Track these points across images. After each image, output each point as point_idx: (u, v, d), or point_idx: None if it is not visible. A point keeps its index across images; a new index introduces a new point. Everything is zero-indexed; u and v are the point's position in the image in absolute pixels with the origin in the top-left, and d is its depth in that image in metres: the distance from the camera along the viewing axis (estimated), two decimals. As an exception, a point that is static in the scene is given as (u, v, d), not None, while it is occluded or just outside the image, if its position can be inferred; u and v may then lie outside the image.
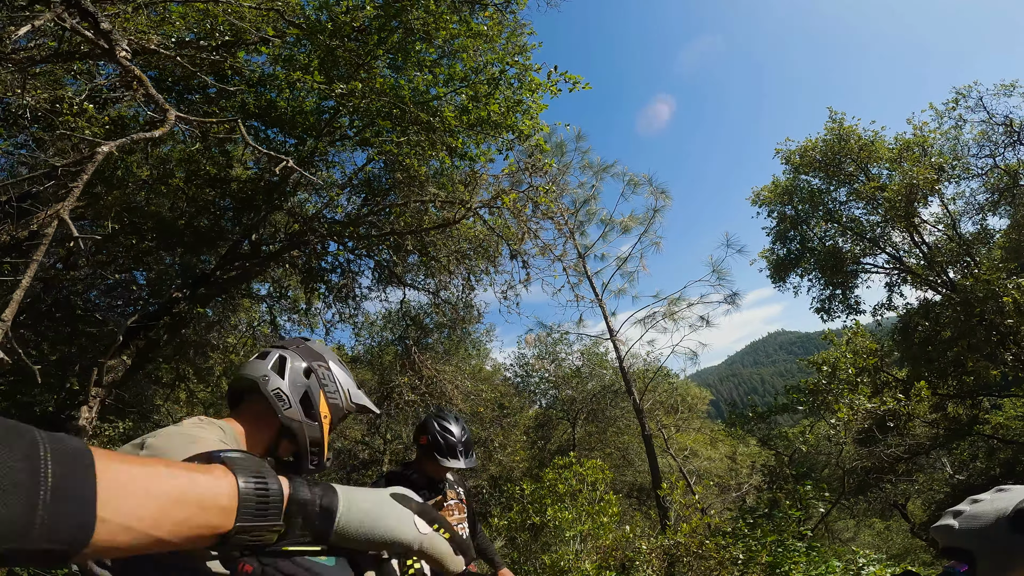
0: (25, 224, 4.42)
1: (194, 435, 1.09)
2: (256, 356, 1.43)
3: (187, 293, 6.84)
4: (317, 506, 0.69)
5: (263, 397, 1.34)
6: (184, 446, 1.04)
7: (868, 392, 11.02)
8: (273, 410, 1.34)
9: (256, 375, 1.36)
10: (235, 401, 1.44)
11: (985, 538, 0.96)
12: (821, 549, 6.22)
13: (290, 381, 1.38)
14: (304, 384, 1.40)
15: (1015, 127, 13.14)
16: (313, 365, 1.45)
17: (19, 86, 3.95)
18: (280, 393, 1.35)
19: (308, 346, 1.50)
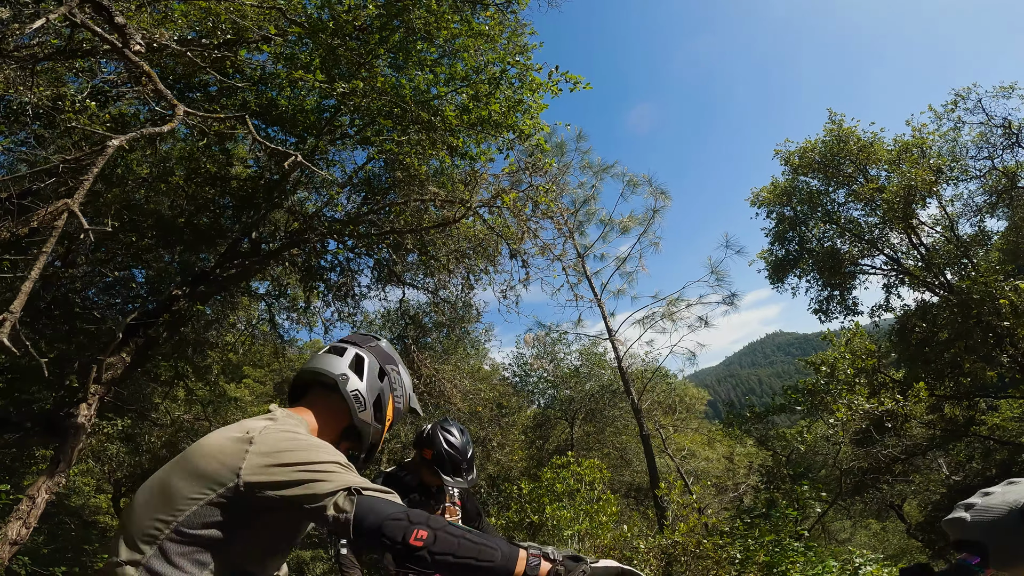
0: (26, 221, 4.41)
1: (313, 440, 1.14)
2: (329, 350, 1.42)
3: (187, 291, 6.84)
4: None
5: (337, 394, 1.34)
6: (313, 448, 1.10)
7: (866, 393, 11.06)
8: (346, 409, 1.34)
9: (335, 373, 1.35)
10: (300, 391, 1.42)
11: (996, 530, 0.97)
12: (818, 549, 6.24)
13: (367, 383, 1.38)
14: (378, 387, 1.40)
15: (1014, 129, 13.17)
16: (387, 368, 1.45)
17: (21, 83, 3.95)
18: (359, 395, 1.35)
19: (380, 347, 1.49)
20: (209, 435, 1.13)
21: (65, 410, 5.90)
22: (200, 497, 1.02)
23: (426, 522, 1.00)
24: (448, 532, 1.00)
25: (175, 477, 1.06)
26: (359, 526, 0.98)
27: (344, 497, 1.01)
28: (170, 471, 1.09)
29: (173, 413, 11.60)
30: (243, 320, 10.42)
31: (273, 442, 1.07)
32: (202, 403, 11.38)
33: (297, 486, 1.02)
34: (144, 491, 1.09)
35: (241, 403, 13.58)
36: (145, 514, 1.03)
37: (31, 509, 5.19)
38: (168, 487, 1.05)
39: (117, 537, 1.06)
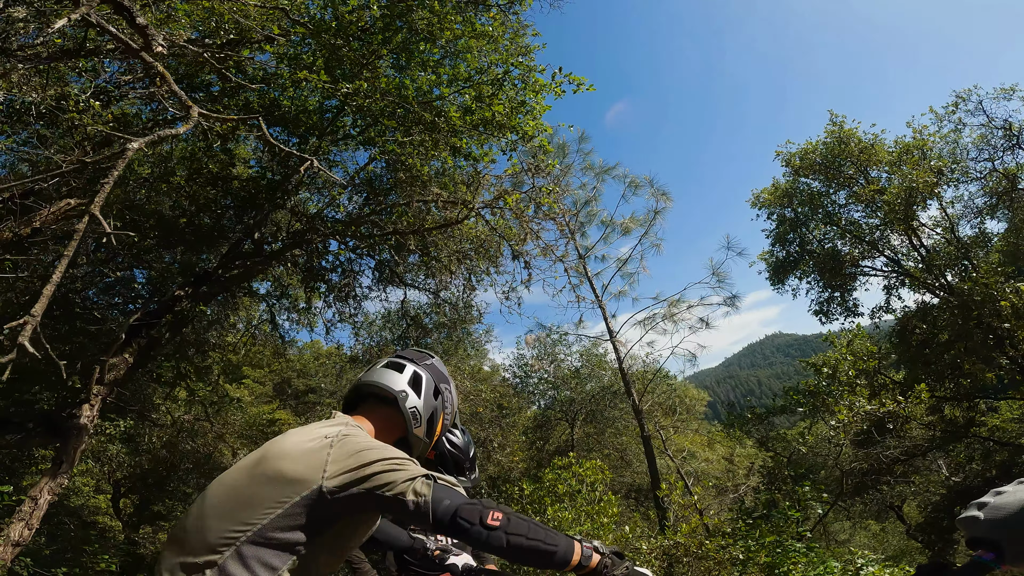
0: (28, 221, 4.41)
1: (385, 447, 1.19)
2: (386, 364, 1.48)
3: (189, 291, 6.83)
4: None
5: (393, 408, 1.41)
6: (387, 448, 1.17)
7: (866, 394, 11.06)
8: (402, 422, 1.41)
9: (395, 389, 1.41)
10: (355, 401, 1.48)
11: (1010, 526, 0.99)
12: (819, 550, 6.24)
13: (424, 400, 1.45)
14: (433, 405, 1.47)
15: (1014, 131, 13.16)
16: (441, 387, 1.52)
17: (25, 83, 3.95)
18: (416, 412, 1.42)
19: (436, 365, 1.55)
20: (284, 441, 1.17)
21: (67, 411, 5.89)
22: (285, 501, 1.06)
23: (497, 506, 1.08)
24: (518, 517, 1.07)
25: (256, 482, 1.10)
26: (436, 509, 1.06)
27: (422, 483, 1.08)
28: (248, 476, 1.12)
29: (174, 413, 11.59)
30: (244, 320, 10.42)
31: (351, 444, 1.14)
32: (203, 403, 11.37)
33: (378, 477, 1.08)
34: (218, 495, 1.12)
35: (242, 403, 13.58)
36: (222, 518, 1.07)
37: (33, 510, 5.18)
38: (248, 492, 1.09)
39: (181, 539, 1.08)
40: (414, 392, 1.42)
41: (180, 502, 15.65)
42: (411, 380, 1.44)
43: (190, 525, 1.09)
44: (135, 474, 14.17)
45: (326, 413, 16.71)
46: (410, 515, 1.07)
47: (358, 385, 1.46)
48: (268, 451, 1.15)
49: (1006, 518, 1.01)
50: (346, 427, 1.22)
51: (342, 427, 1.22)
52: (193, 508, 1.13)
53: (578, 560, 1.09)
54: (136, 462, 13.28)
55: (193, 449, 12.95)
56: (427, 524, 1.07)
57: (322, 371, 18.57)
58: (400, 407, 1.39)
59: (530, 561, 1.08)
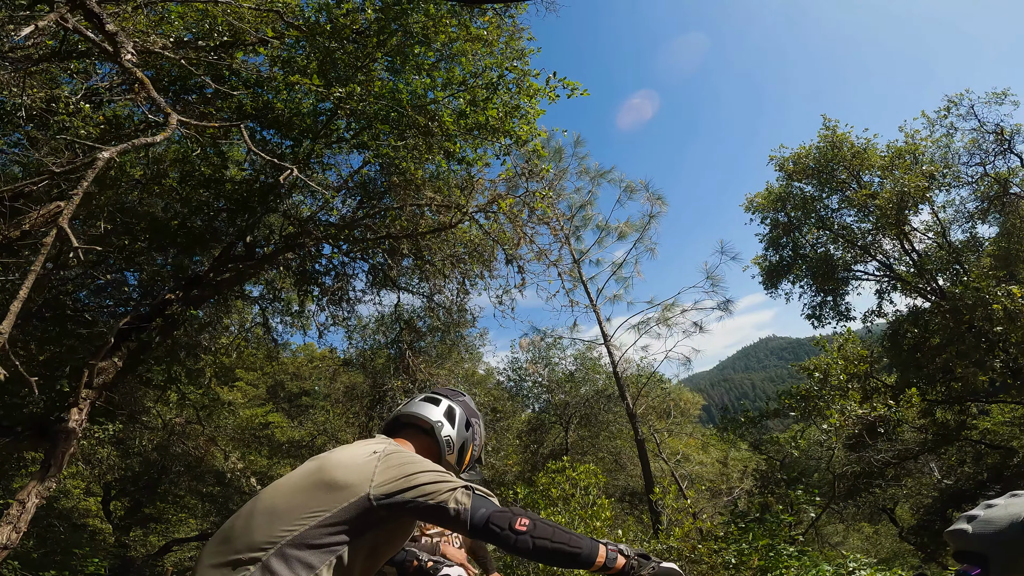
0: (17, 224, 4.37)
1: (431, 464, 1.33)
2: (424, 398, 1.67)
3: (180, 295, 6.79)
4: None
5: (430, 437, 1.59)
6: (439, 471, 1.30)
7: (858, 398, 11.11)
8: (437, 450, 1.58)
9: (432, 420, 1.59)
10: (395, 427, 1.65)
11: (998, 542, 0.98)
12: (812, 553, 6.26)
13: (457, 431, 1.63)
14: (464, 436, 1.66)
15: (1006, 135, 13.25)
16: (472, 421, 1.72)
17: (15, 85, 3.92)
18: (450, 440, 1.60)
19: (467, 402, 1.75)
20: (337, 453, 1.30)
21: (56, 414, 5.84)
22: (334, 505, 1.17)
23: (525, 513, 1.18)
24: (543, 522, 1.18)
25: (310, 488, 1.20)
26: (473, 516, 1.17)
27: (462, 492, 1.20)
28: (303, 483, 1.23)
29: (165, 416, 11.51)
30: (237, 323, 10.37)
31: (397, 458, 1.28)
32: (195, 406, 11.30)
33: (422, 487, 1.20)
34: (272, 499, 1.21)
35: (234, 406, 13.51)
36: (271, 520, 1.15)
37: (21, 513, 5.13)
38: (301, 497, 1.19)
39: (229, 538, 1.17)
40: (448, 423, 1.61)
41: (171, 505, 15.54)
42: (446, 412, 1.62)
43: (239, 525, 1.18)
44: (126, 477, 14.06)
45: (321, 415, 16.66)
46: (450, 521, 1.18)
47: (398, 416, 1.64)
48: (324, 462, 1.27)
49: (994, 533, 0.99)
50: (391, 445, 1.36)
51: (388, 444, 1.36)
52: (243, 510, 1.23)
53: (603, 562, 1.18)
54: (127, 465, 13.18)
55: (184, 452, 12.87)
56: (464, 529, 1.17)
57: (316, 374, 18.50)
58: (436, 436, 1.57)
59: (556, 561, 1.17)
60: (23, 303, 2.12)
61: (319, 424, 16.14)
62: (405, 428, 1.62)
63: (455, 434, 1.61)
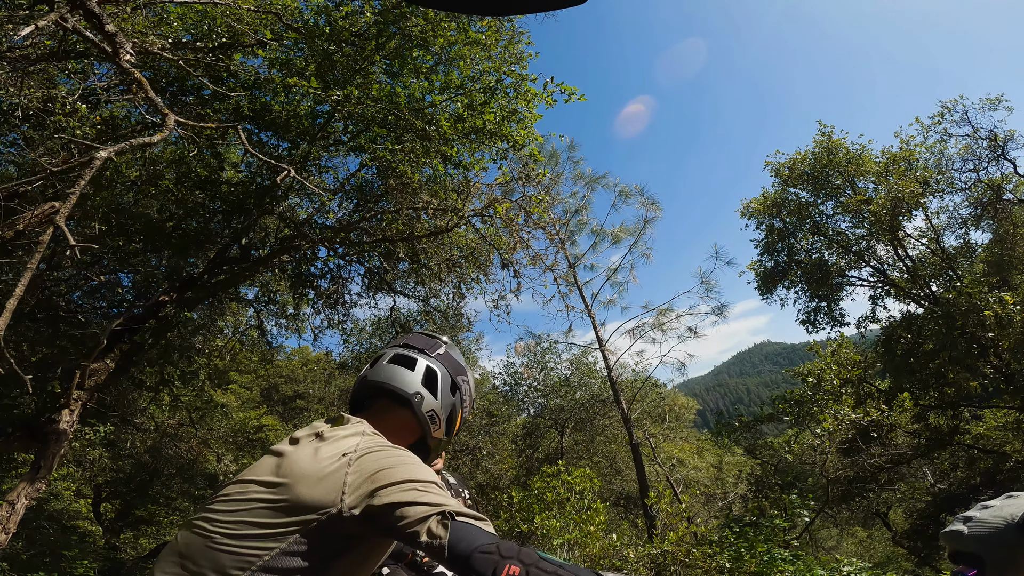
0: (12, 224, 4.35)
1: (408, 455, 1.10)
2: (394, 359, 1.32)
3: (174, 296, 6.76)
4: None
5: (407, 410, 1.28)
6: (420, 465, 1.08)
7: (852, 403, 11.16)
8: (417, 425, 1.29)
9: (408, 391, 1.27)
10: (361, 403, 1.35)
11: (994, 543, 0.99)
12: (807, 558, 6.27)
13: (442, 400, 1.32)
14: (451, 403, 1.35)
15: (999, 141, 13.33)
16: (458, 380, 1.38)
17: (12, 84, 3.90)
18: (434, 415, 1.29)
19: (450, 354, 1.40)
20: (299, 460, 1.08)
21: (47, 416, 5.79)
22: (302, 525, 1.00)
23: (517, 556, 0.94)
24: (540, 568, 0.93)
25: (271, 505, 1.02)
26: (451, 552, 0.96)
27: (437, 522, 0.97)
28: (262, 496, 1.04)
29: (157, 418, 11.44)
30: (231, 326, 10.32)
31: (369, 463, 1.05)
32: (188, 409, 11.23)
33: (394, 509, 0.99)
34: (230, 513, 1.04)
35: (227, 409, 13.44)
36: (235, 539, 1.00)
37: (10, 515, 5.10)
38: (263, 515, 1.01)
39: (188, 556, 1.01)
40: (430, 393, 1.29)
41: (163, 507, 15.45)
42: (425, 378, 1.30)
43: (196, 543, 1.02)
44: (117, 479, 13.96)
45: (316, 418, 16.57)
46: (424, 550, 0.98)
47: (364, 383, 1.31)
48: (284, 471, 1.06)
49: (990, 534, 1.00)
50: (363, 438, 1.12)
51: (359, 438, 1.11)
52: (199, 522, 1.05)
53: None
54: (118, 467, 13.09)
55: (177, 454, 12.80)
56: (441, 562, 0.98)
57: (310, 377, 18.44)
58: (416, 412, 1.27)
59: None
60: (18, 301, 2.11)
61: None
62: (378, 397, 1.31)
63: (439, 405, 1.30)
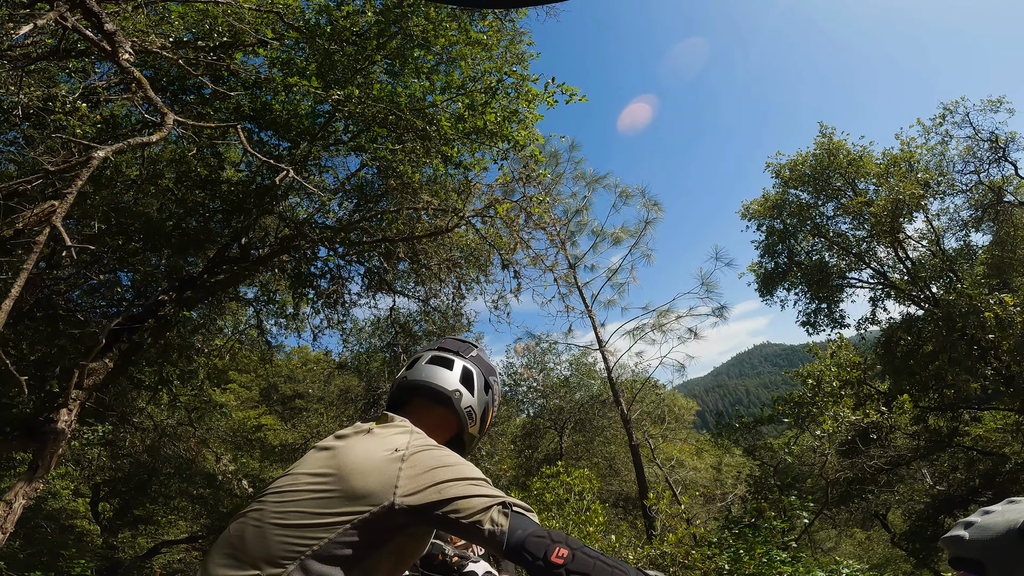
0: (11, 223, 4.33)
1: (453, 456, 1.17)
2: (433, 360, 1.41)
3: (173, 296, 6.74)
4: None
5: (445, 407, 1.36)
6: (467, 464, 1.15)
7: (851, 404, 11.16)
8: (454, 422, 1.37)
9: (448, 389, 1.36)
10: (401, 400, 1.41)
11: (995, 548, 0.98)
12: (806, 559, 6.27)
13: (477, 398, 1.41)
14: (485, 401, 1.44)
15: (1000, 143, 13.31)
16: (490, 380, 1.47)
17: (13, 83, 3.89)
18: (471, 411, 1.38)
19: (482, 357, 1.50)
20: (352, 453, 1.13)
21: (45, 415, 5.78)
22: (354, 516, 1.04)
23: (565, 541, 1.02)
24: (585, 553, 1.02)
25: (324, 495, 1.07)
26: (510, 539, 1.02)
27: (499, 511, 1.05)
28: (314, 487, 1.09)
29: (156, 418, 11.41)
30: (231, 325, 10.30)
31: (423, 459, 1.11)
32: (187, 408, 11.20)
33: (455, 502, 1.05)
34: (281, 504, 1.08)
35: (226, 409, 13.41)
36: (287, 528, 1.04)
37: (8, 514, 5.07)
38: (315, 505, 1.06)
39: (237, 547, 1.05)
40: (467, 390, 1.38)
41: (161, 506, 15.43)
42: (462, 377, 1.39)
43: (251, 533, 1.06)
44: (115, 478, 13.94)
45: (315, 418, 16.58)
46: (483, 540, 1.05)
47: (403, 383, 1.40)
48: (339, 464, 1.11)
49: (990, 539, 0.99)
50: (412, 436, 1.18)
51: (409, 436, 1.17)
52: (252, 514, 1.09)
53: None
54: (116, 466, 13.07)
55: (175, 454, 12.77)
56: (498, 552, 1.04)
57: (309, 377, 18.42)
58: (456, 408, 1.35)
59: None
60: (15, 302, 2.09)
61: (312, 427, 16.07)
62: (416, 397, 1.38)
63: (476, 401, 1.39)
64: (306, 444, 15.28)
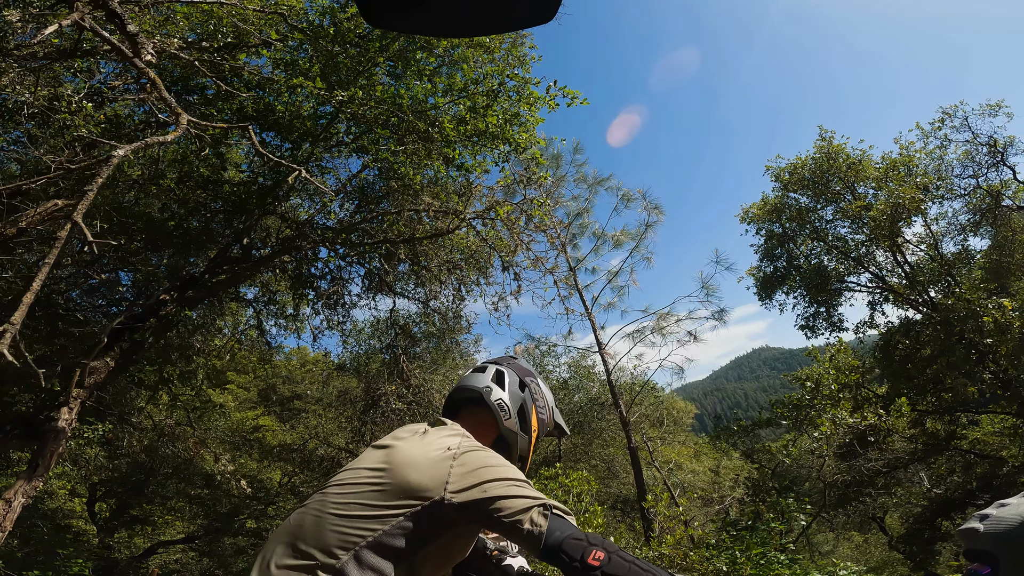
0: (15, 222, 4.35)
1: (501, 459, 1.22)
2: (474, 370, 1.54)
3: (174, 295, 6.75)
4: None
5: (485, 407, 1.45)
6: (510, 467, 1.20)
7: (849, 407, 11.19)
8: (493, 420, 1.45)
9: (480, 386, 1.46)
10: (453, 410, 1.52)
11: (1009, 541, 0.98)
12: (803, 562, 6.28)
13: (510, 393, 1.48)
14: (520, 397, 1.51)
15: (999, 147, 13.34)
16: (526, 380, 1.55)
17: (19, 82, 3.90)
18: (503, 404, 1.45)
19: (519, 363, 1.60)
20: (406, 448, 1.19)
21: (45, 413, 5.78)
22: (407, 509, 1.10)
23: (602, 544, 1.05)
24: (621, 556, 1.04)
25: (381, 488, 1.12)
26: (548, 539, 1.06)
27: (539, 512, 1.09)
28: (372, 481, 1.14)
29: (155, 417, 11.40)
30: (230, 326, 10.30)
31: (473, 459, 1.16)
32: (186, 408, 11.20)
33: (499, 500, 1.10)
34: (341, 496, 1.14)
35: (225, 409, 13.41)
36: (344, 520, 1.09)
37: (7, 513, 5.08)
38: (372, 497, 1.11)
39: (296, 535, 1.10)
40: (498, 386, 1.47)
41: (158, 507, 15.39)
42: (494, 377, 1.49)
43: (309, 523, 1.11)
44: (113, 478, 13.91)
45: (314, 419, 16.56)
46: (521, 539, 1.09)
47: (451, 395, 1.52)
48: (393, 459, 1.17)
49: (1005, 532, 0.99)
50: (464, 438, 1.25)
51: (461, 438, 1.24)
52: (312, 506, 1.15)
53: None
54: (114, 466, 13.04)
55: (174, 454, 12.75)
56: (535, 551, 1.08)
57: (308, 378, 18.39)
58: (487, 401, 1.43)
59: None
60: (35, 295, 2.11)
61: (311, 428, 16.05)
62: (462, 406, 1.50)
63: (507, 396, 1.47)
64: (304, 445, 15.26)
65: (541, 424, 1.55)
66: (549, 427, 1.60)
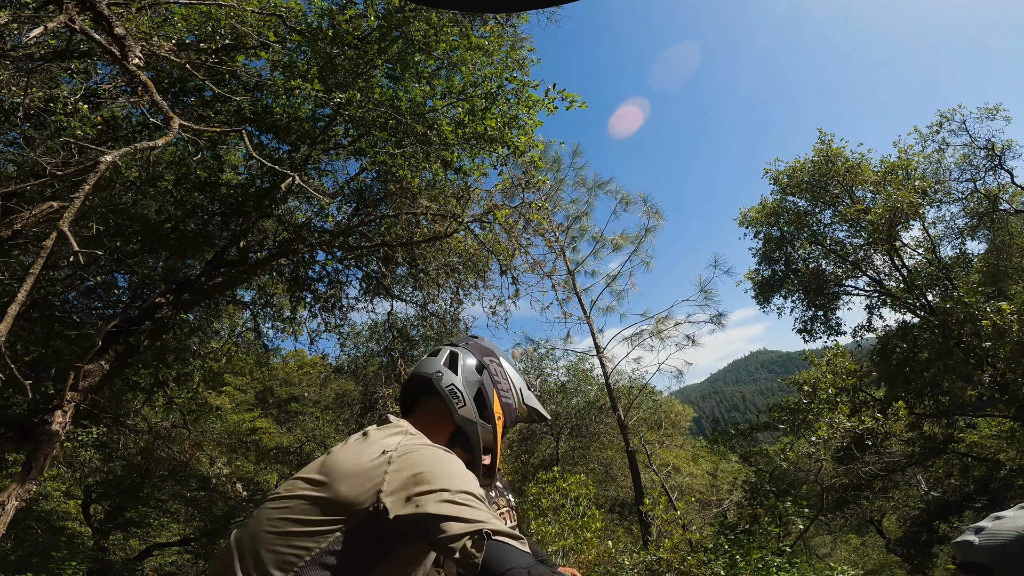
0: (9, 224, 4.32)
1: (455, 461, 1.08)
2: (428, 354, 1.38)
3: (171, 298, 6.72)
4: None
5: (438, 397, 1.28)
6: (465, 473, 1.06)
7: (847, 411, 11.19)
8: (447, 410, 1.28)
9: (429, 371, 1.30)
10: (409, 403, 1.37)
11: (1004, 554, 0.97)
12: (801, 565, 6.28)
13: (463, 378, 1.31)
14: (477, 381, 1.33)
15: (996, 151, 13.38)
16: (485, 361, 1.37)
17: (15, 84, 3.88)
18: (455, 390, 1.28)
19: (478, 342, 1.43)
20: (342, 458, 1.07)
21: (39, 416, 5.74)
22: (341, 524, 0.99)
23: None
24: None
25: (312, 503, 1.01)
26: (484, 571, 0.93)
27: (473, 542, 0.95)
28: (305, 494, 1.03)
29: (150, 420, 11.36)
30: (227, 328, 10.27)
31: (410, 463, 1.03)
32: (182, 411, 11.16)
33: (429, 519, 0.96)
34: (278, 511, 1.03)
35: (221, 411, 13.36)
36: (280, 537, 0.99)
37: (0, 515, 5.04)
38: (306, 513, 1.01)
39: (248, 548, 1.01)
40: (450, 370, 1.30)
41: (154, 509, 15.33)
42: (447, 360, 1.33)
43: (246, 543, 1.02)
44: (107, 480, 13.86)
45: (311, 422, 16.52)
46: (457, 563, 0.97)
47: (404, 386, 1.37)
48: (327, 469, 1.06)
49: (1000, 546, 0.98)
50: (405, 436, 1.11)
51: (401, 436, 1.10)
52: (251, 521, 1.05)
53: None
54: (109, 468, 12.99)
55: (169, 456, 12.71)
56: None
57: (306, 380, 18.36)
58: (437, 387, 1.27)
59: None
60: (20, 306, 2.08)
61: (308, 431, 16.01)
62: (418, 398, 1.34)
63: (460, 380, 1.29)
64: (301, 447, 15.22)
65: (507, 409, 1.37)
66: (520, 413, 1.42)
